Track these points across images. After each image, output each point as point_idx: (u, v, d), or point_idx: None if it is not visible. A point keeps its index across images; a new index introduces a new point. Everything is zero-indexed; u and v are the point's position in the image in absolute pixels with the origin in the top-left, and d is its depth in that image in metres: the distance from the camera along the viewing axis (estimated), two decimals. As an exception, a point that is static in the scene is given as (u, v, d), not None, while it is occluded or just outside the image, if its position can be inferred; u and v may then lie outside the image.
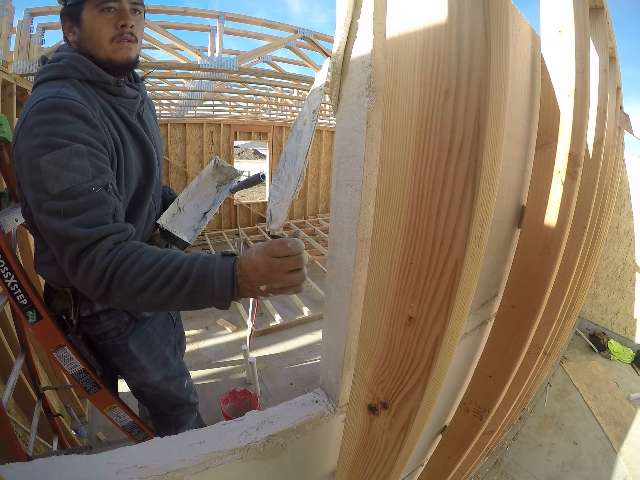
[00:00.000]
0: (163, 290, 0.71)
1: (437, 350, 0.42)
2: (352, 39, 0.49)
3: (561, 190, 0.86)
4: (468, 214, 0.34)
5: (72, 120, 0.80)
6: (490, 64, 0.33)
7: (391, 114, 0.38)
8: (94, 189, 0.77)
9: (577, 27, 0.99)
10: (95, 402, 1.31)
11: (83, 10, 0.91)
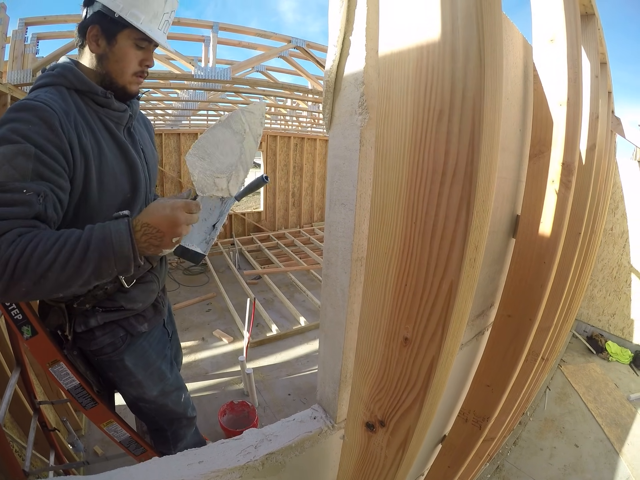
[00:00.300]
0: (68, 264, 0.74)
1: (433, 371, 0.42)
2: (344, 56, 0.49)
3: (555, 200, 0.86)
4: (462, 237, 0.33)
5: (34, 122, 0.82)
6: (485, 83, 0.33)
7: (384, 134, 0.38)
8: (25, 191, 0.78)
9: (568, 36, 1.00)
10: (92, 417, 1.30)
11: (121, 33, 0.96)
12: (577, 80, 0.95)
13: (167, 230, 0.84)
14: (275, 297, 4.75)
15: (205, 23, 2.69)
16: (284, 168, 8.34)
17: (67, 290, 0.79)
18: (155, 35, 0.99)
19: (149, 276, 1.20)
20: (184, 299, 4.70)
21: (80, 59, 1.02)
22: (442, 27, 0.35)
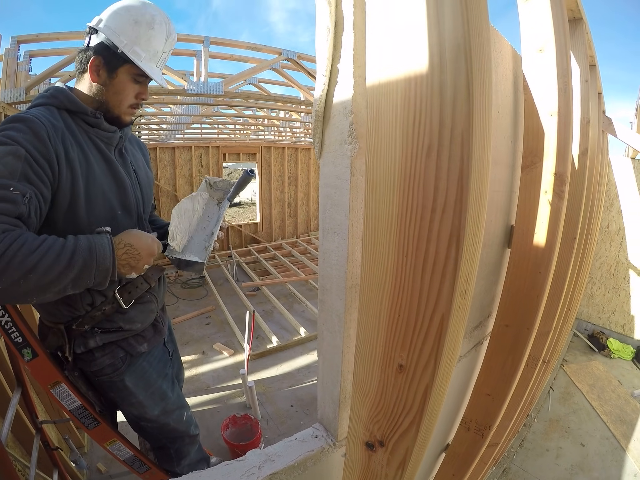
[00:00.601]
0: (52, 268, 0.77)
1: (427, 397, 0.42)
2: (333, 84, 0.50)
3: (549, 210, 0.86)
4: (453, 271, 0.34)
5: (25, 130, 0.86)
6: (473, 119, 0.33)
7: (374, 167, 0.39)
8: (12, 189, 0.79)
9: (557, 46, 1.01)
10: (95, 437, 1.29)
11: (122, 67, 1.01)
12: (567, 91, 0.96)
13: (145, 255, 0.97)
14: (275, 308, 4.73)
15: (196, 38, 2.70)
16: (279, 178, 8.37)
17: (41, 296, 0.79)
18: (153, 73, 1.04)
19: (148, 296, 1.21)
20: (183, 312, 4.69)
21: (78, 84, 1.05)
22: (430, 59, 0.34)
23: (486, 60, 0.36)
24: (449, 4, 0.34)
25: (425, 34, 0.35)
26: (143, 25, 1.00)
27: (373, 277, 0.41)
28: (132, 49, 0.99)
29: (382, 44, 0.39)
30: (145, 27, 1.01)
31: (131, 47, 0.99)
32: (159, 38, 1.04)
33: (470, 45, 0.34)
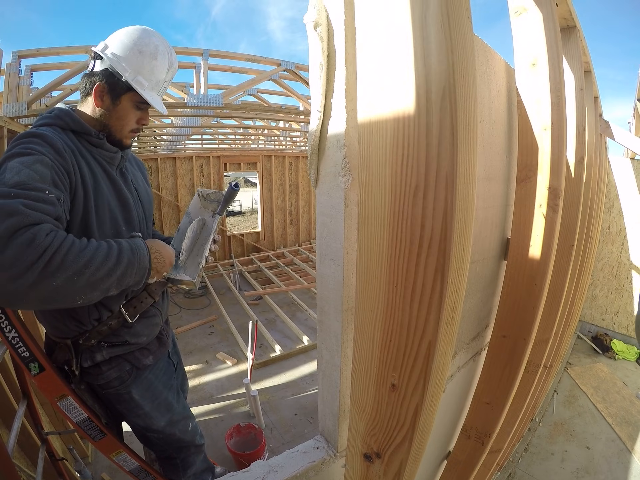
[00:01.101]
0: (104, 265, 0.81)
1: (418, 414, 0.44)
2: (327, 117, 0.52)
3: (543, 224, 0.88)
4: (438, 302, 0.36)
5: (43, 144, 0.89)
6: (458, 160, 0.34)
7: (366, 202, 0.41)
8: (47, 192, 0.81)
9: (550, 60, 1.02)
10: (101, 448, 1.31)
11: (125, 94, 1.05)
12: (560, 105, 0.97)
13: (167, 263, 1.05)
14: (277, 316, 4.73)
15: (196, 50, 2.73)
16: (280, 187, 8.39)
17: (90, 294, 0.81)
18: (154, 101, 1.07)
19: (152, 310, 1.23)
20: (186, 322, 4.70)
21: (81, 106, 1.08)
22: (417, 101, 0.36)
23: (472, 101, 0.38)
24: (436, 48, 0.36)
25: (413, 75, 0.37)
26: (147, 55, 1.04)
27: (367, 303, 0.43)
28: (135, 78, 1.03)
29: (372, 82, 0.41)
30: (149, 58, 1.04)
31: (135, 77, 1.03)
32: (161, 68, 1.08)
33: (455, 87, 0.36)
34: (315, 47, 0.50)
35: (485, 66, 0.89)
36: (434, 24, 0.36)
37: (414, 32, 0.37)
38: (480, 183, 0.80)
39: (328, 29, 0.49)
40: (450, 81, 0.35)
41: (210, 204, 1.41)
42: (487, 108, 0.86)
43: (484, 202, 0.82)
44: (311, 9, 0.49)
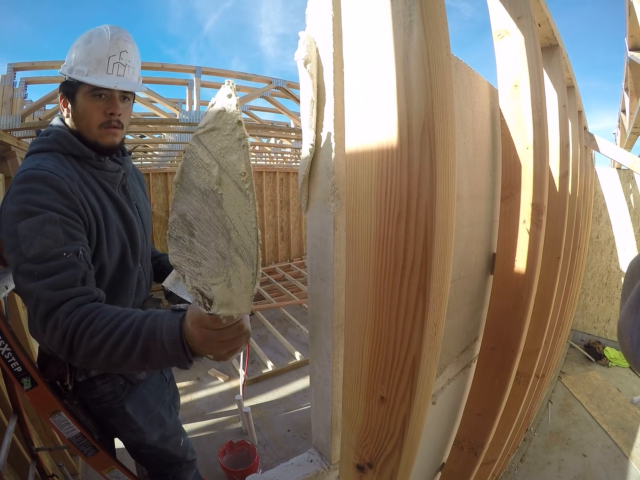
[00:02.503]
0: (117, 350, 0.71)
1: (406, 425, 0.46)
2: (318, 147, 0.55)
3: (528, 239, 0.92)
4: (421, 320, 0.38)
5: (47, 191, 0.86)
6: (436, 191, 0.37)
7: (354, 227, 0.43)
8: (65, 254, 0.82)
9: (532, 80, 1.07)
10: (94, 464, 1.30)
11: (78, 92, 1.00)
12: (542, 124, 1.02)
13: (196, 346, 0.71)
14: (269, 332, 4.69)
15: (188, 68, 2.78)
16: (271, 203, 8.39)
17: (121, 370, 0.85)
18: (100, 81, 0.98)
19: None
20: None
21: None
22: (399, 134, 0.39)
23: (450, 134, 0.42)
24: (417, 85, 0.39)
25: (395, 110, 0.40)
26: (81, 45, 1.01)
27: (356, 320, 0.46)
28: (75, 70, 0.99)
29: (358, 115, 0.44)
30: (82, 45, 1.00)
31: (75, 68, 0.99)
32: (98, 46, 1.00)
33: (434, 122, 0.39)
34: (306, 83, 0.53)
35: (469, 89, 0.93)
36: (415, 63, 0.40)
37: (397, 71, 0.40)
38: (466, 202, 0.83)
39: (318, 66, 0.52)
40: (430, 117, 0.39)
41: None
42: (471, 129, 0.90)
43: (470, 220, 0.86)
44: (301, 46, 0.52)
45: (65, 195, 0.89)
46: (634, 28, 2.62)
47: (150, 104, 3.00)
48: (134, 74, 1.06)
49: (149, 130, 3.23)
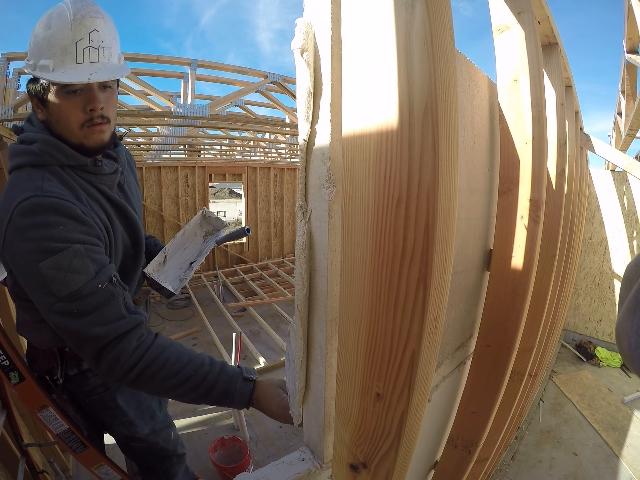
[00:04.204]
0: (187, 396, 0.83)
1: (404, 423, 0.45)
2: (313, 131, 0.53)
3: (525, 235, 0.91)
4: (421, 312, 0.37)
5: (64, 222, 0.79)
6: (439, 173, 0.35)
7: (350, 213, 0.42)
8: (101, 286, 0.80)
9: (531, 75, 1.06)
10: (82, 461, 1.28)
11: (48, 92, 0.86)
12: (541, 119, 1.01)
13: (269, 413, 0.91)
14: (261, 328, 4.70)
15: (184, 60, 2.74)
16: (265, 199, 8.41)
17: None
18: (69, 76, 0.82)
19: None
20: (169, 333, 4.63)
21: None
22: (400, 115, 0.37)
23: (453, 116, 0.40)
24: (419, 65, 0.37)
25: (396, 91, 0.38)
26: (40, 32, 0.83)
27: (350, 313, 0.44)
28: (39, 66, 0.83)
29: (356, 98, 0.42)
30: (42, 33, 0.82)
31: (38, 64, 0.83)
32: (59, 31, 0.81)
33: (437, 103, 0.37)
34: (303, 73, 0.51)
35: (468, 82, 0.92)
36: (418, 42, 0.38)
37: (398, 50, 0.38)
38: (464, 195, 0.82)
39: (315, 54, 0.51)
40: (433, 97, 0.37)
41: (207, 225, 1.47)
42: (470, 122, 0.89)
43: (467, 214, 0.84)
44: (298, 34, 0.50)
45: (81, 222, 0.83)
46: (632, 31, 2.63)
47: (145, 97, 2.95)
48: (111, 55, 0.89)
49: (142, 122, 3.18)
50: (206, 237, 1.38)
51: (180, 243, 1.35)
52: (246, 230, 1.35)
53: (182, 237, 1.36)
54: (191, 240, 1.36)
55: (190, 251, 1.34)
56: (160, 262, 1.27)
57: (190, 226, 1.42)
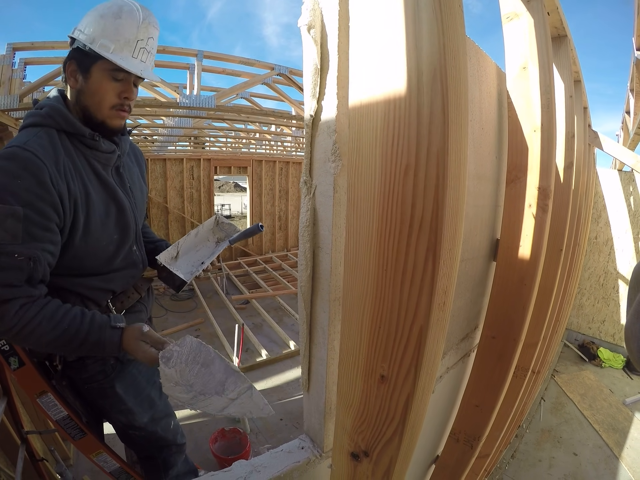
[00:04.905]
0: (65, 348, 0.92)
1: (409, 406, 0.43)
2: (320, 104, 0.52)
3: (533, 223, 0.89)
4: (430, 285, 0.35)
5: (23, 176, 0.83)
6: (449, 138, 0.34)
7: (356, 185, 0.40)
8: (17, 255, 0.82)
9: (541, 62, 1.04)
10: (81, 448, 1.27)
11: (94, 65, 0.94)
12: (550, 106, 0.99)
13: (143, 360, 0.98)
14: (264, 321, 4.69)
15: (190, 51, 2.72)
16: (270, 192, 8.39)
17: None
18: (127, 64, 0.94)
19: (138, 306, 1.22)
20: (172, 325, 4.62)
21: (67, 95, 1.02)
22: (408, 82, 0.36)
23: (462, 82, 0.38)
24: (427, 31, 0.36)
25: (404, 58, 0.37)
26: (109, 17, 0.93)
27: (355, 290, 0.42)
28: (99, 43, 0.92)
29: (363, 65, 0.41)
30: (111, 18, 0.93)
31: (99, 41, 0.92)
32: (128, 25, 0.95)
33: (446, 68, 0.36)
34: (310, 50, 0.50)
35: (476, 67, 0.90)
36: (426, 7, 0.36)
37: (406, 16, 0.37)
38: (471, 181, 0.80)
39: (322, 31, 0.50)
40: (442, 62, 0.35)
41: (219, 232, 1.49)
42: (478, 108, 0.87)
43: (475, 200, 0.83)
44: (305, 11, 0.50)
45: (41, 186, 0.85)
46: (642, 27, 2.58)
47: (151, 88, 2.94)
48: (152, 61, 1.04)
49: (148, 113, 3.17)
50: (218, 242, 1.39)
51: (193, 244, 1.37)
52: (259, 227, 1.35)
53: (195, 239, 1.38)
54: (203, 244, 1.38)
55: (203, 252, 1.36)
56: (173, 256, 1.29)
57: (204, 229, 1.44)
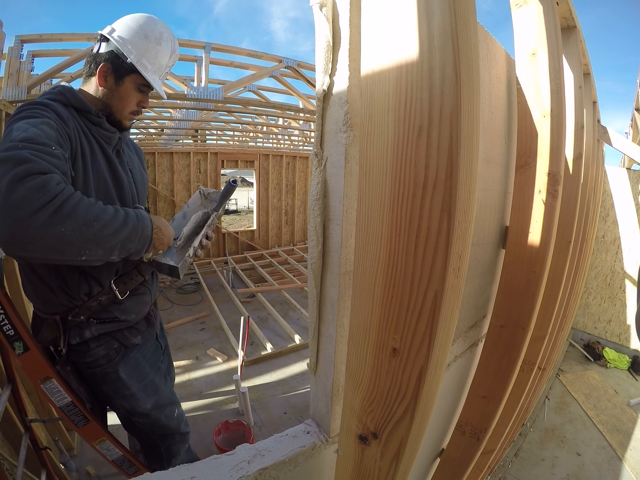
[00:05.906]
0: (112, 223, 0.83)
1: (422, 380, 0.41)
2: (332, 77, 0.51)
3: (543, 209, 0.87)
4: (445, 247, 0.34)
5: (48, 111, 0.92)
6: (461, 99, 0.34)
7: (368, 152, 0.39)
8: (54, 148, 0.83)
9: (550, 48, 1.03)
10: (84, 435, 1.27)
11: (129, 76, 1.09)
12: (559, 92, 0.97)
13: (166, 242, 1.07)
14: (270, 315, 4.70)
15: (198, 43, 2.72)
16: (277, 186, 8.36)
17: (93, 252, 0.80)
18: (156, 84, 1.12)
19: (142, 288, 1.23)
20: (178, 317, 4.64)
21: (84, 85, 1.12)
22: (420, 46, 0.36)
23: (473, 47, 0.38)
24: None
25: (416, 23, 0.37)
26: (152, 40, 1.09)
27: (367, 259, 0.41)
28: (140, 61, 1.07)
29: (375, 35, 0.41)
30: (153, 42, 1.10)
31: (139, 59, 1.07)
32: (164, 53, 1.13)
33: (457, 32, 0.36)
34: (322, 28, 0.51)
35: (486, 51, 0.89)
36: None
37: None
38: (480, 164, 0.79)
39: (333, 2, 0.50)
40: (453, 26, 0.35)
41: (209, 203, 1.45)
42: (487, 92, 0.86)
43: (484, 184, 0.81)
44: None
45: (63, 120, 0.94)
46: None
47: (160, 81, 2.94)
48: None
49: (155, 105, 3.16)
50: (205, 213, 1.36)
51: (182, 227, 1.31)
52: (232, 182, 1.32)
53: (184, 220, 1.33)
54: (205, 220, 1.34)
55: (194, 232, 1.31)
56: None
57: (190, 208, 1.39)
